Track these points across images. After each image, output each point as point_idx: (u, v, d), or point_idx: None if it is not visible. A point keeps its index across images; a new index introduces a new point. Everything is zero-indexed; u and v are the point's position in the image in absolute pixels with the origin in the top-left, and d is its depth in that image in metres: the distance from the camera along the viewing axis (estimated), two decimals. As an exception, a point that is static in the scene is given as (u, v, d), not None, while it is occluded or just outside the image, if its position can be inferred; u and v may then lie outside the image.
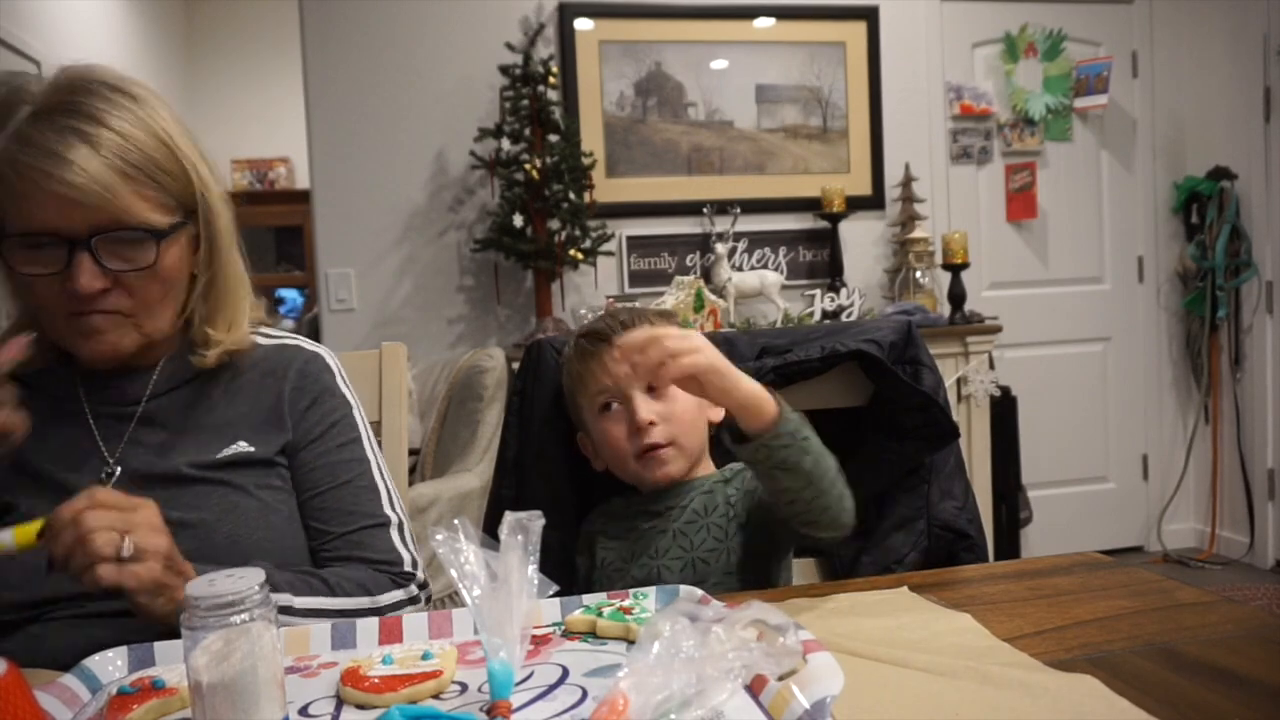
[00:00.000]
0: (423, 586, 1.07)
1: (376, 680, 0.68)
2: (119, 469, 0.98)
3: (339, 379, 1.12)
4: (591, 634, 0.81)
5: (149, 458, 0.99)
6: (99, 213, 0.90)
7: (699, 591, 0.85)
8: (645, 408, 1.08)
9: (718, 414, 1.13)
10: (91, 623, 0.90)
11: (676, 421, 1.09)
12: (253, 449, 1.02)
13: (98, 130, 0.90)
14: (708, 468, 1.17)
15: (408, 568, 1.06)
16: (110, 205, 0.90)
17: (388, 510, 1.08)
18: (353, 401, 1.12)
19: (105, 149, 0.90)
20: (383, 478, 1.10)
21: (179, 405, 1.03)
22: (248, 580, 0.58)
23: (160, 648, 0.75)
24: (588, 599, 0.86)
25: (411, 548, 1.08)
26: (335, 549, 1.04)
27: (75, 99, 0.91)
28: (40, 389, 0.99)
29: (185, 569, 0.84)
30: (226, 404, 1.04)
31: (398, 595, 1.03)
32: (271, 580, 0.77)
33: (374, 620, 0.81)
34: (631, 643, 0.78)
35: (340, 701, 0.68)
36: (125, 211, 0.91)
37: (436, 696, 0.69)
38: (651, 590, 0.87)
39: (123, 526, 0.78)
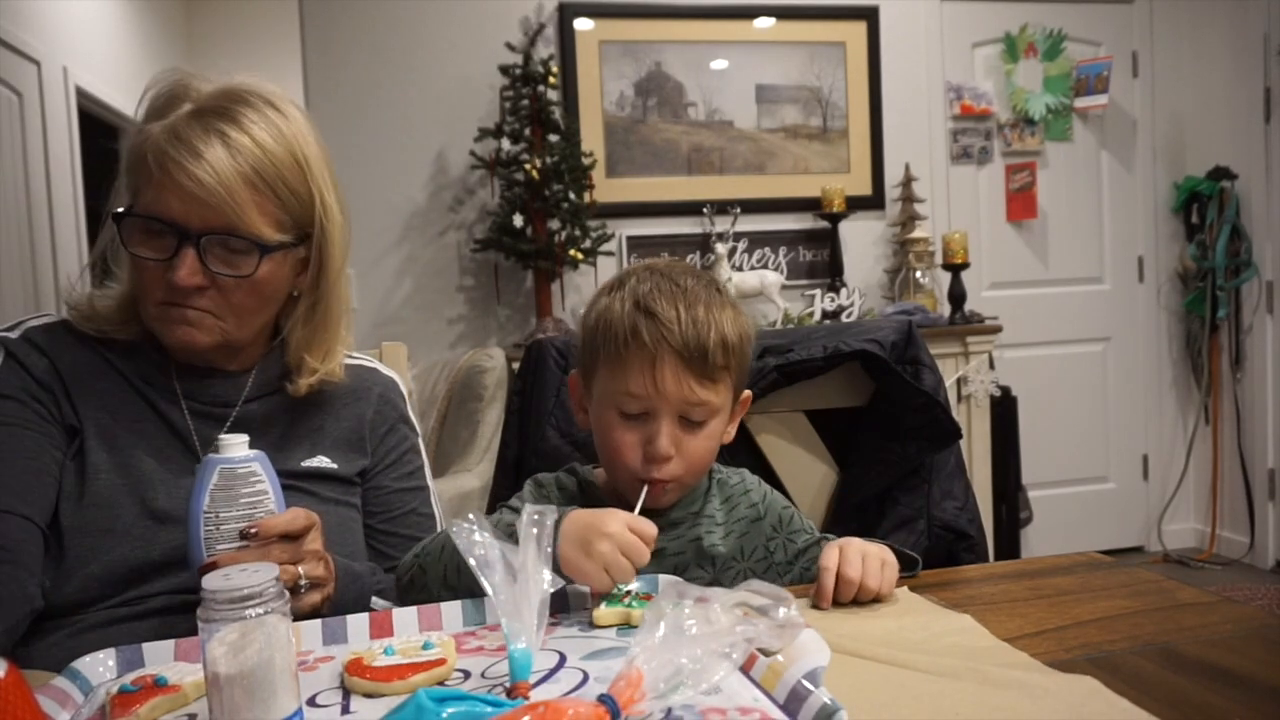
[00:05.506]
0: None
1: (383, 669, 0.69)
2: None
3: (409, 406, 1.17)
4: (627, 625, 0.81)
5: None
6: (216, 214, 0.93)
7: (679, 579, 0.86)
8: (668, 439, 0.97)
9: (729, 436, 1.08)
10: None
11: (693, 460, 1.00)
12: (335, 466, 1.06)
13: (240, 136, 0.94)
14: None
15: None
16: (228, 209, 0.93)
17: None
18: (419, 429, 1.18)
19: (241, 156, 0.93)
20: (436, 504, 1.16)
21: (270, 412, 1.06)
22: (263, 574, 0.59)
23: (148, 649, 0.76)
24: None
25: None
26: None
27: (230, 105, 0.95)
28: (137, 375, 1.01)
29: (334, 572, 0.91)
30: (313, 418, 1.08)
31: None
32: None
33: (364, 616, 0.82)
34: (625, 627, 0.80)
35: (347, 692, 0.69)
36: (240, 219, 0.94)
37: (441, 684, 0.69)
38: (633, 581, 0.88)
39: (294, 559, 0.85)
